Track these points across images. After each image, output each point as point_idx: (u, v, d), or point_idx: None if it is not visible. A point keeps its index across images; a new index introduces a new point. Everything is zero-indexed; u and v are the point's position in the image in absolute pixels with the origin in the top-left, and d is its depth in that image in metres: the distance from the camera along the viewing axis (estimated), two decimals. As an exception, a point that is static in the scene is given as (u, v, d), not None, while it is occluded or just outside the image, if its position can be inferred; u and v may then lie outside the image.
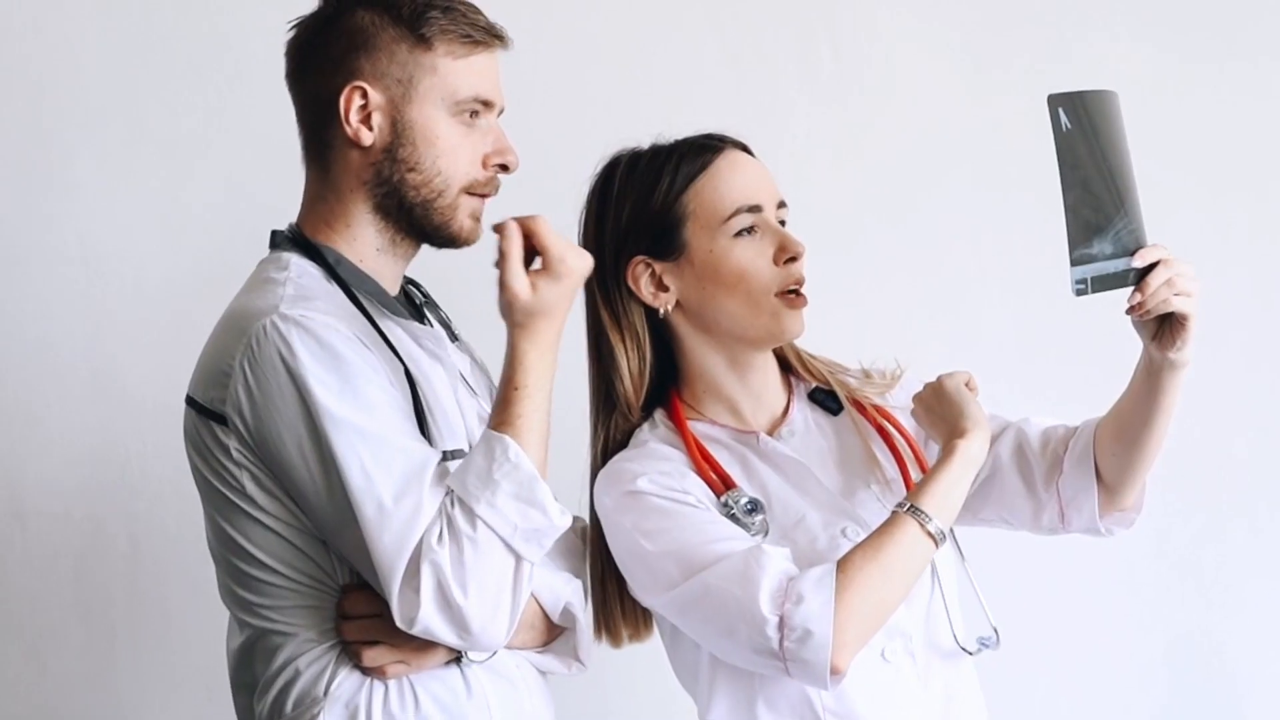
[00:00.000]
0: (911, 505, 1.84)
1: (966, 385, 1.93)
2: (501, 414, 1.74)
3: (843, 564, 1.82)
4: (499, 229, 1.73)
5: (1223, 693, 2.81)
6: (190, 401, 1.83)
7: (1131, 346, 1.94)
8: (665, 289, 1.95)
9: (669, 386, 2.00)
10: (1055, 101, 1.76)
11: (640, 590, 1.92)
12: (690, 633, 1.90)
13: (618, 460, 1.96)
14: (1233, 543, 2.81)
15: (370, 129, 1.83)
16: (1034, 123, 2.71)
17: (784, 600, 1.79)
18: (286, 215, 1.92)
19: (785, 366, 2.04)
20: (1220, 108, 2.81)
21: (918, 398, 1.96)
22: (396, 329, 1.85)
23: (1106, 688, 2.79)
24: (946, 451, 1.87)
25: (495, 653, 1.81)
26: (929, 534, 1.83)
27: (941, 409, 1.91)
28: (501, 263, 1.72)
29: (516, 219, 1.73)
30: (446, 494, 1.72)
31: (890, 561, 1.82)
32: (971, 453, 1.87)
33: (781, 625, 1.79)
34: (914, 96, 2.78)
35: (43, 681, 2.64)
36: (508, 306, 1.73)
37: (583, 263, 1.75)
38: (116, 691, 2.65)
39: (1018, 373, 2.73)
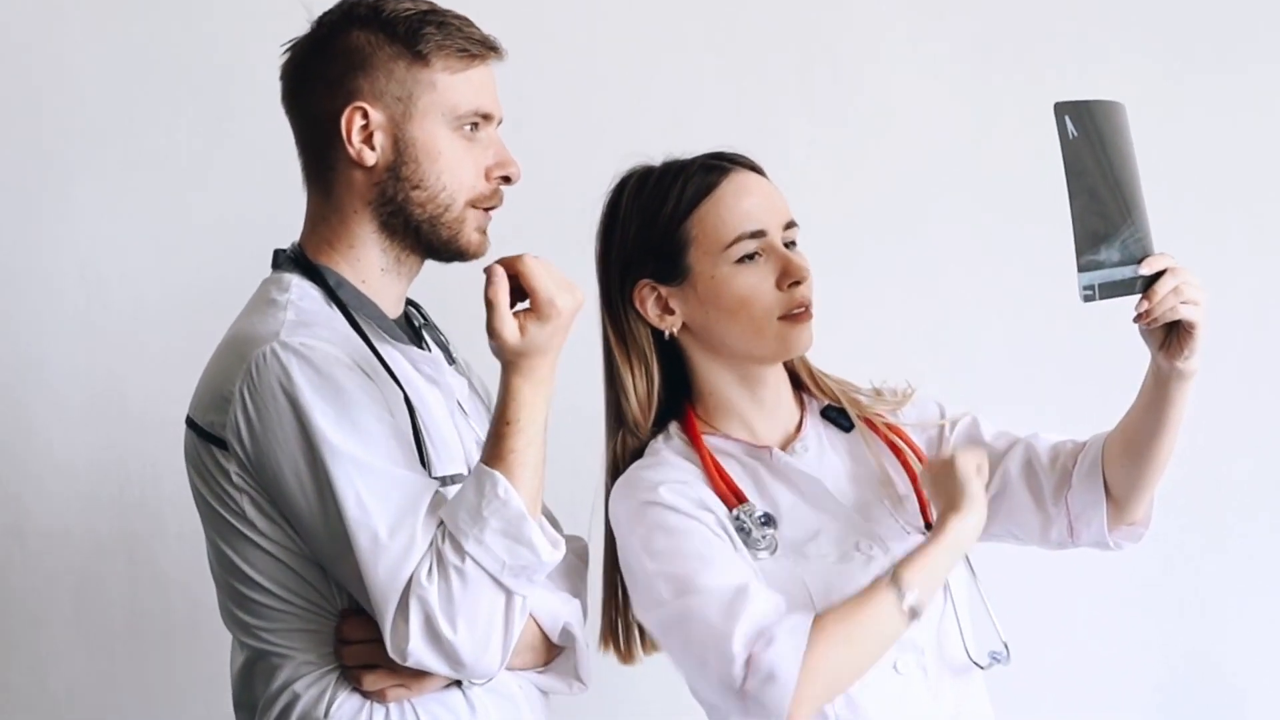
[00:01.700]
0: (894, 576, 1.84)
1: (979, 469, 1.90)
2: (494, 449, 1.73)
3: (819, 620, 1.82)
4: (486, 272, 1.71)
5: (1228, 708, 2.81)
6: (190, 423, 1.82)
7: (1130, 362, 1.94)
8: (671, 312, 1.96)
9: (683, 400, 2.01)
10: (1062, 109, 1.76)
11: (635, 604, 1.93)
12: (670, 657, 1.91)
13: (636, 468, 1.96)
14: (1237, 558, 2.81)
15: (373, 149, 1.82)
16: (1032, 141, 2.73)
17: (756, 640, 1.80)
18: (285, 234, 1.91)
19: (797, 384, 2.04)
20: (1218, 122, 2.82)
21: (929, 465, 1.94)
22: (395, 353, 1.84)
23: (1114, 703, 2.79)
24: (939, 526, 1.87)
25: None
26: (903, 610, 1.83)
27: (946, 483, 1.89)
28: (487, 309, 1.70)
29: (502, 261, 1.71)
30: (439, 527, 1.71)
31: (863, 628, 1.82)
32: (964, 531, 1.86)
33: (749, 664, 1.79)
34: (912, 116, 2.78)
35: (43, 699, 2.64)
36: (497, 350, 1.72)
37: (573, 301, 1.72)
38: (117, 709, 2.64)
39: (1016, 390, 2.73)
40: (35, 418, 2.63)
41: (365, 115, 1.82)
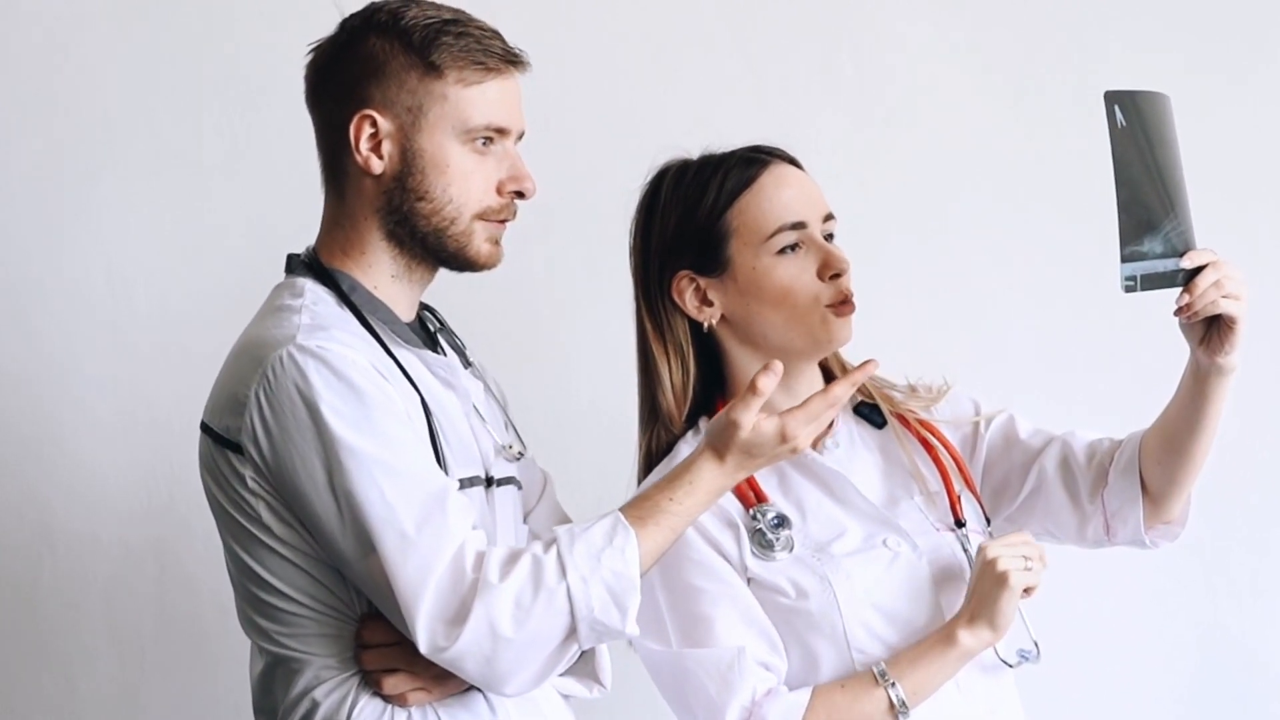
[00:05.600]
0: (889, 674, 1.85)
1: (1026, 592, 1.87)
2: (644, 509, 1.75)
3: (812, 706, 1.85)
4: (767, 368, 1.74)
5: (1262, 707, 2.80)
6: (205, 428, 1.81)
7: (1161, 358, 1.93)
8: (710, 303, 1.96)
9: (716, 396, 2.00)
10: (1112, 98, 1.76)
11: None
12: (658, 687, 1.93)
13: (657, 473, 1.96)
14: (1271, 552, 2.80)
15: (380, 157, 1.81)
16: (1057, 133, 2.73)
17: (749, 718, 1.84)
18: (309, 238, 1.91)
19: (829, 379, 2.03)
20: (1249, 119, 2.80)
21: (981, 552, 1.90)
22: (410, 357, 1.83)
23: (1146, 701, 2.78)
24: (950, 631, 1.87)
25: None
26: (893, 707, 1.85)
27: (980, 583, 1.87)
28: (748, 393, 1.73)
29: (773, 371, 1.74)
30: (548, 543, 1.71)
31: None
32: (973, 646, 1.86)
33: None
34: (936, 108, 2.77)
35: (73, 704, 2.64)
36: (719, 430, 1.75)
37: (801, 447, 1.76)
38: (146, 714, 2.65)
39: (1043, 384, 2.71)
40: (63, 424, 2.63)
41: (374, 124, 1.81)
